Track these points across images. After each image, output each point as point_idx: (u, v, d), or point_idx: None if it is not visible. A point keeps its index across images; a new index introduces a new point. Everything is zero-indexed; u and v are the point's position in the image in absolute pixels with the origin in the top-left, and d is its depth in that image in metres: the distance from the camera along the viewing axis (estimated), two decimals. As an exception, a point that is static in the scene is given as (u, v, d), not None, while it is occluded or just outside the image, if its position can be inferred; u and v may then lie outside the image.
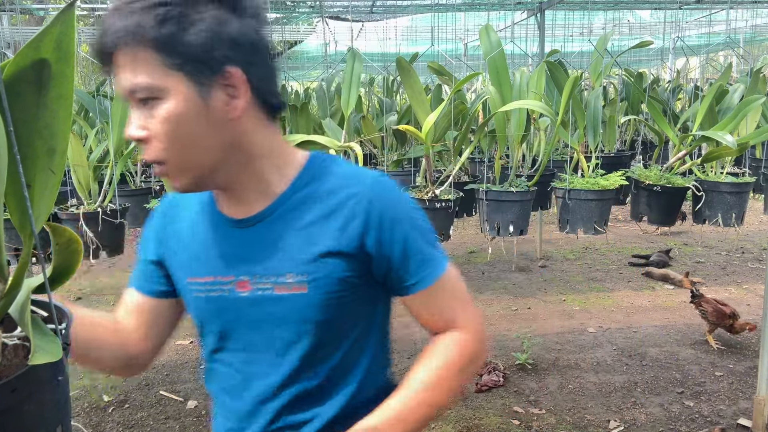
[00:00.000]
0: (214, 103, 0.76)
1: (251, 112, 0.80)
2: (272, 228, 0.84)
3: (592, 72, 3.45)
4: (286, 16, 6.78)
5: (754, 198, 3.51)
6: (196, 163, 0.79)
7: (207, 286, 0.87)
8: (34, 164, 0.57)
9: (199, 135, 0.77)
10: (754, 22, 6.28)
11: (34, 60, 0.53)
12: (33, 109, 0.55)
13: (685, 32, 7.24)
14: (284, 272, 0.83)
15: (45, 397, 0.58)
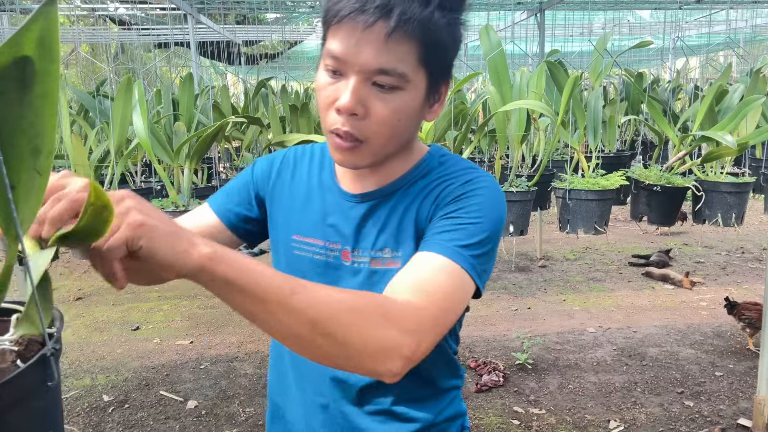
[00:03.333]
0: (429, 105, 0.82)
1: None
2: (382, 207, 0.88)
3: (592, 72, 3.46)
4: (286, 16, 6.78)
5: (754, 198, 3.51)
6: (388, 150, 0.82)
7: (314, 248, 0.90)
8: (18, 165, 0.55)
9: (408, 128, 0.81)
10: (754, 22, 6.28)
11: (16, 57, 0.51)
12: (16, 107, 0.53)
13: (685, 32, 7.24)
14: (382, 247, 0.87)
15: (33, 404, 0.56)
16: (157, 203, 2.59)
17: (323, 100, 0.78)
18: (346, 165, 0.82)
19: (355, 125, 0.76)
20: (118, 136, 2.44)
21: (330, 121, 0.78)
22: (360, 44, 0.73)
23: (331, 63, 0.75)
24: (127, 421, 2.65)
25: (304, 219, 0.92)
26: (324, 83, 0.78)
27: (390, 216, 0.87)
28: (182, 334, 3.63)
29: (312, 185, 0.94)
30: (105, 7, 5.72)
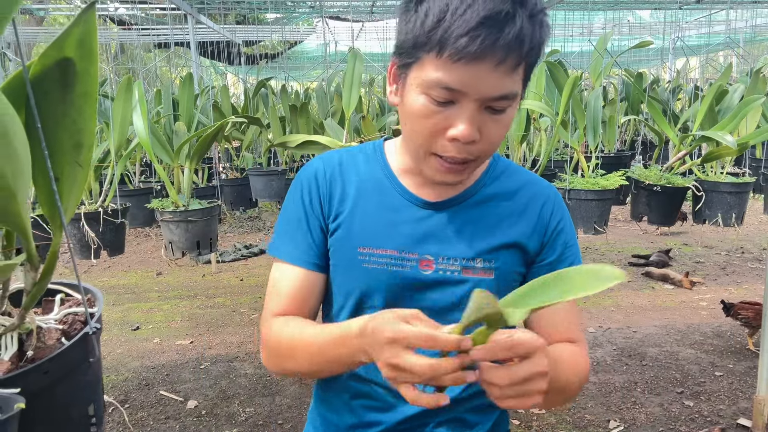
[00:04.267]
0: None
1: None
2: (463, 214, 0.88)
3: (592, 72, 3.46)
4: (286, 16, 6.78)
5: (754, 198, 3.51)
6: (487, 159, 0.86)
7: (387, 260, 0.87)
8: (62, 159, 0.59)
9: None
10: (754, 22, 6.28)
11: (59, 59, 0.55)
12: (59, 106, 0.57)
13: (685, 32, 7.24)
14: (473, 256, 0.86)
15: (77, 378, 0.60)
16: (158, 203, 2.59)
17: (429, 127, 0.76)
18: (450, 183, 0.83)
19: (470, 151, 0.76)
20: (118, 136, 2.44)
21: (440, 149, 0.77)
22: (483, 77, 0.71)
23: (442, 94, 0.73)
24: (128, 421, 2.65)
25: (369, 229, 0.88)
26: (428, 111, 0.75)
27: (478, 225, 0.87)
28: (182, 334, 3.64)
29: (370, 193, 0.90)
30: (105, 7, 5.72)
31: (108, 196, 2.48)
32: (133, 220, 2.88)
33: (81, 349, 0.59)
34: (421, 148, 0.79)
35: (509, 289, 0.82)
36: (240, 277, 4.69)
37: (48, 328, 0.62)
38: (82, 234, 2.30)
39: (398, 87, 0.81)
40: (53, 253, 0.62)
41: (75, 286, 0.69)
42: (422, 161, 0.81)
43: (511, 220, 0.88)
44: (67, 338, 0.62)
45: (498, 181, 0.91)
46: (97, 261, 3.57)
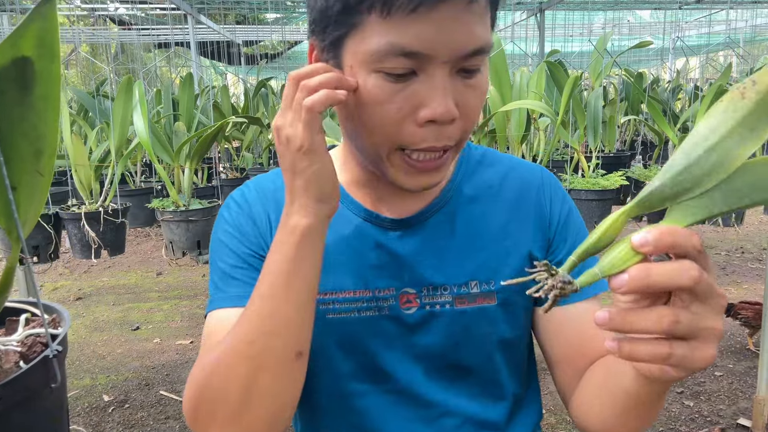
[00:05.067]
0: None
1: None
2: (442, 228, 0.69)
3: (592, 72, 3.46)
4: (286, 16, 6.78)
5: (753, 198, 3.51)
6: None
7: (356, 303, 0.68)
8: (20, 166, 0.54)
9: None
10: (754, 22, 6.29)
11: (15, 57, 0.50)
12: (17, 109, 0.52)
13: (685, 32, 7.24)
14: (467, 280, 0.68)
15: (36, 404, 0.55)
16: (158, 203, 2.59)
17: (390, 114, 0.56)
18: (427, 187, 0.62)
19: (449, 133, 0.58)
20: (118, 136, 2.44)
21: (410, 140, 0.57)
22: (451, 28, 0.53)
23: (400, 63, 0.54)
24: (127, 421, 2.65)
25: (326, 268, 0.65)
26: (384, 93, 0.56)
27: (463, 238, 0.69)
28: (182, 334, 3.64)
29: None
30: (105, 7, 5.72)
31: (108, 195, 2.48)
32: (134, 219, 2.88)
33: (40, 373, 0.54)
34: (381, 146, 0.59)
35: (518, 317, 0.69)
36: (240, 277, 4.70)
37: (6, 351, 0.57)
38: (83, 234, 2.30)
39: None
40: (9, 269, 0.57)
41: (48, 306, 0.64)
42: (383, 163, 0.61)
43: (503, 221, 0.70)
44: (25, 361, 0.57)
45: (476, 176, 0.73)
46: (97, 261, 3.57)
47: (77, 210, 2.33)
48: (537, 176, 0.74)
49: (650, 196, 0.43)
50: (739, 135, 0.40)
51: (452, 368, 0.70)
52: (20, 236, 0.55)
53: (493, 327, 0.69)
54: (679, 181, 0.42)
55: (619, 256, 0.41)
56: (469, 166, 0.74)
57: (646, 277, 0.38)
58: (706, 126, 0.41)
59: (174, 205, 2.51)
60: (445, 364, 0.70)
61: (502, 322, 0.69)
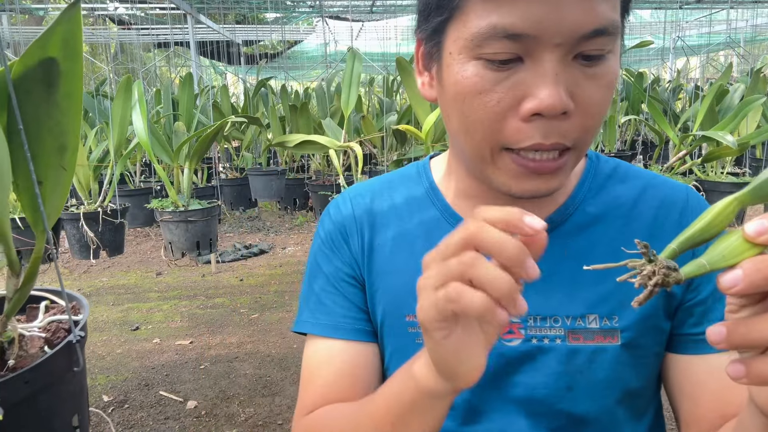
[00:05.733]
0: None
1: None
2: (558, 249, 0.59)
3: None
4: (286, 16, 6.78)
5: (754, 198, 3.50)
6: (587, 150, 0.54)
7: None
8: (45, 162, 0.57)
9: (607, 112, 0.53)
10: (755, 22, 6.28)
11: (42, 59, 0.53)
12: (43, 107, 0.55)
13: (686, 32, 7.24)
14: (583, 313, 0.57)
15: (60, 387, 0.58)
16: (157, 203, 2.59)
17: (491, 105, 0.49)
18: (537, 194, 0.52)
19: (561, 130, 0.49)
20: (117, 136, 2.44)
21: (514, 138, 0.49)
22: (563, 3, 0.45)
23: (503, 47, 0.47)
24: (127, 421, 2.65)
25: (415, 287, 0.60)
26: (485, 81, 0.48)
27: (584, 263, 0.53)
28: (182, 334, 3.63)
29: (415, 237, 0.64)
30: (105, 7, 5.72)
31: (107, 196, 2.48)
32: (133, 220, 2.88)
33: (64, 357, 0.57)
34: (484, 144, 0.51)
35: (646, 364, 0.58)
36: (240, 277, 4.68)
37: (31, 336, 0.60)
38: (82, 234, 2.30)
39: (433, 71, 0.55)
40: (36, 259, 0.59)
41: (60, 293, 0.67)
42: (488, 166, 0.53)
43: (635, 246, 0.60)
44: (50, 347, 0.60)
45: (605, 192, 0.62)
46: (96, 261, 3.57)
47: (76, 210, 2.32)
48: (682, 196, 0.61)
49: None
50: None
51: (562, 417, 0.59)
52: (46, 228, 0.58)
53: (615, 373, 0.58)
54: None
55: (731, 248, 0.35)
56: (596, 181, 0.62)
57: (762, 270, 0.32)
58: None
59: (173, 205, 2.51)
60: (554, 411, 0.58)
61: (626, 367, 0.58)
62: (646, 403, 0.63)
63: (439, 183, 0.66)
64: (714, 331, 0.33)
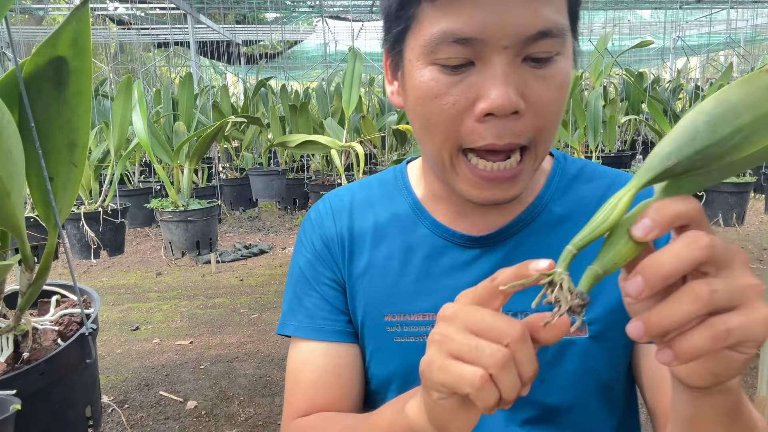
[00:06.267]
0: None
1: None
2: (528, 247, 0.62)
3: (593, 72, 3.45)
4: (286, 15, 6.78)
5: (754, 198, 3.51)
6: (547, 151, 0.56)
7: (425, 327, 0.62)
8: (56, 158, 0.58)
9: (562, 113, 0.54)
10: (755, 22, 6.28)
11: (52, 57, 0.54)
12: (53, 104, 0.56)
13: (686, 32, 7.25)
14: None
15: (73, 379, 0.60)
16: (157, 203, 2.59)
17: (446, 108, 0.51)
18: (501, 201, 0.55)
19: (514, 130, 0.51)
20: (117, 136, 2.44)
21: (468, 138, 0.52)
22: (510, 6, 0.48)
23: (454, 52, 0.49)
24: (127, 421, 2.64)
25: (395, 287, 0.64)
26: (441, 85, 0.51)
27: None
28: (182, 334, 3.63)
29: (393, 238, 0.66)
30: (104, 7, 5.72)
31: (108, 196, 2.48)
32: (133, 220, 2.88)
33: (77, 350, 0.59)
34: (443, 146, 0.54)
35: (616, 355, 0.60)
36: (239, 277, 4.68)
37: (44, 330, 0.61)
38: (82, 234, 2.30)
39: (399, 79, 0.59)
40: (48, 254, 0.61)
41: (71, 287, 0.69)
42: (449, 171, 0.55)
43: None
44: (63, 339, 0.61)
45: (571, 191, 0.64)
46: (96, 261, 3.57)
47: (76, 210, 2.32)
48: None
49: (663, 174, 0.37)
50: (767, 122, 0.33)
51: (536, 407, 0.62)
52: (57, 223, 0.59)
53: (584, 365, 0.60)
54: (694, 160, 0.35)
55: (621, 251, 0.37)
56: (563, 181, 0.65)
57: (660, 270, 0.34)
58: (742, 99, 0.33)
59: (173, 205, 2.51)
60: (528, 402, 0.61)
61: (596, 359, 0.60)
62: (618, 396, 0.65)
63: (414, 185, 0.69)
64: (633, 327, 0.35)
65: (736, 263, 0.37)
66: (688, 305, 0.34)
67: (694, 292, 0.34)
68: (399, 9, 0.53)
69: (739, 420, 0.44)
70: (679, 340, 0.35)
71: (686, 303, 0.34)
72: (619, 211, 0.38)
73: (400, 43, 0.55)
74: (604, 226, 0.38)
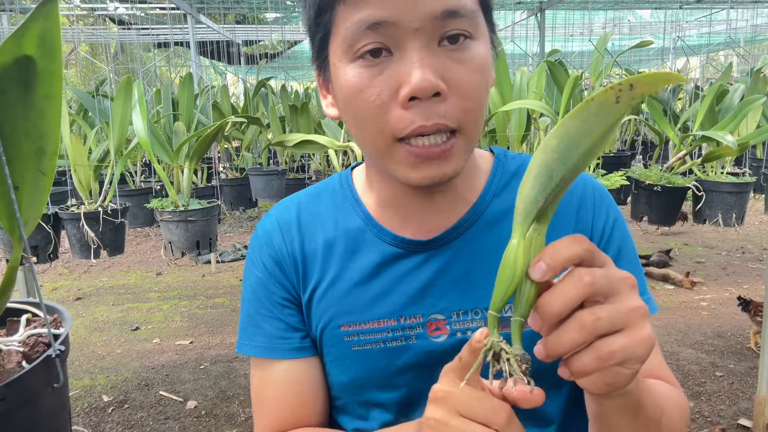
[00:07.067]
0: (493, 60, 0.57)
1: None
2: (474, 247, 0.64)
3: (593, 72, 3.45)
4: (286, 15, 6.78)
5: (754, 198, 3.51)
6: (478, 139, 0.57)
7: (381, 333, 0.64)
8: (22, 166, 0.54)
9: (486, 96, 0.57)
10: (755, 22, 6.28)
11: (17, 56, 0.50)
12: (19, 108, 0.52)
13: (686, 32, 7.24)
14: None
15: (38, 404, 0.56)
16: (157, 203, 2.59)
17: (373, 98, 0.53)
18: (438, 179, 0.56)
19: (440, 111, 0.52)
20: (117, 136, 2.43)
21: (398, 126, 0.53)
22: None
23: (369, 39, 0.52)
24: (127, 421, 2.64)
25: (349, 297, 0.65)
26: (364, 77, 0.53)
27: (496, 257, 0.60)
28: (182, 334, 3.63)
29: (342, 247, 0.67)
30: (104, 7, 5.71)
31: (108, 195, 2.48)
32: (133, 220, 2.88)
33: (43, 373, 0.55)
34: (378, 138, 0.55)
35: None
36: (239, 277, 4.68)
37: (8, 351, 0.57)
38: (82, 234, 2.30)
39: (330, 92, 0.61)
40: (11, 269, 0.57)
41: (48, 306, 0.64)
42: (388, 160, 0.56)
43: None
44: (28, 362, 0.57)
45: (510, 188, 0.66)
46: (96, 261, 3.56)
47: (76, 210, 2.32)
48: (579, 186, 0.67)
49: (537, 214, 0.42)
50: (603, 137, 0.39)
51: None
52: (23, 236, 0.56)
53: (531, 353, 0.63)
54: (557, 191, 0.41)
55: (529, 295, 0.42)
56: (503, 179, 0.67)
57: (551, 310, 0.40)
58: (578, 129, 0.39)
59: (173, 205, 2.51)
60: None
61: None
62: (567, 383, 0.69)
63: (361, 193, 0.69)
64: (537, 350, 0.42)
65: (622, 289, 0.41)
66: (575, 334, 0.40)
67: (579, 322, 0.40)
68: (317, 17, 0.55)
69: (642, 412, 0.50)
70: (572, 360, 0.41)
71: (573, 332, 0.40)
72: (521, 266, 0.43)
73: (325, 50, 0.57)
74: (513, 285, 0.43)
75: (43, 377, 0.56)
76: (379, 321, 0.64)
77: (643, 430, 0.52)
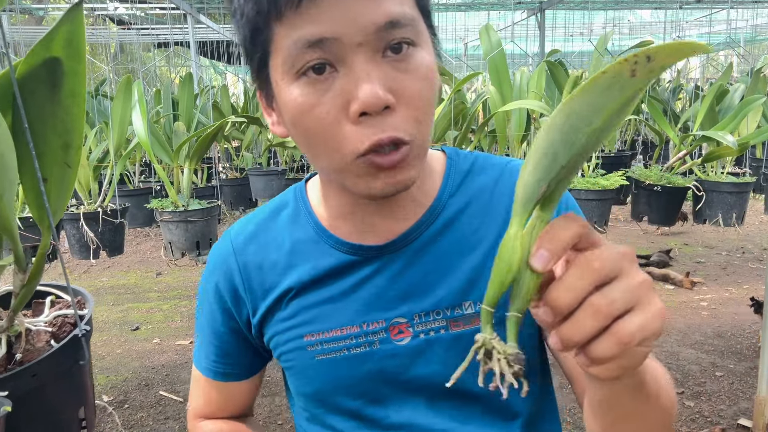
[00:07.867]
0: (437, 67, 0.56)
1: None
2: (431, 247, 0.64)
3: (593, 72, 3.45)
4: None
5: (754, 198, 3.51)
6: (428, 145, 0.57)
7: (344, 341, 0.64)
8: (50, 159, 0.59)
9: (434, 102, 0.56)
10: (755, 22, 6.28)
11: (46, 58, 0.55)
12: (47, 106, 0.57)
13: (686, 32, 7.24)
14: (459, 302, 0.63)
15: (66, 381, 0.60)
16: (157, 203, 2.59)
17: (323, 116, 0.52)
18: (402, 187, 0.56)
19: (392, 124, 0.52)
20: (117, 136, 2.44)
21: (354, 143, 0.52)
22: (349, 3, 0.49)
23: (312, 56, 0.50)
24: (127, 421, 2.64)
25: (310, 307, 0.66)
26: (311, 96, 0.52)
27: (454, 255, 0.64)
28: (182, 334, 3.63)
29: (300, 261, 0.67)
30: (104, 7, 5.72)
31: (107, 196, 2.48)
32: (133, 220, 2.88)
33: (70, 351, 0.59)
34: (336, 157, 0.54)
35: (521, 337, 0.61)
36: (240, 277, 4.70)
37: (37, 331, 0.61)
38: (81, 234, 2.30)
39: (275, 109, 0.59)
40: (41, 255, 0.61)
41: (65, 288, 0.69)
42: (347, 175, 0.55)
43: (498, 230, 0.64)
44: (56, 341, 0.62)
45: (464, 186, 0.67)
46: (96, 261, 3.57)
47: (76, 210, 2.32)
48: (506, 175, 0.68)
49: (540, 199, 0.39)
50: (617, 114, 0.35)
51: (457, 395, 0.65)
52: (51, 224, 0.60)
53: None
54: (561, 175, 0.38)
55: (530, 286, 0.39)
56: (457, 178, 0.67)
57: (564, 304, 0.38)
58: (587, 105, 0.35)
59: (173, 205, 2.51)
60: (449, 391, 0.63)
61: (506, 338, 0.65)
62: (533, 365, 0.70)
63: (315, 205, 0.69)
64: (552, 342, 0.39)
65: (625, 265, 0.39)
66: (591, 320, 0.37)
67: (593, 307, 0.37)
68: (253, 36, 0.54)
69: (645, 387, 0.49)
70: (591, 348, 0.38)
71: (589, 319, 0.37)
72: (520, 255, 0.39)
73: (265, 68, 0.55)
74: (510, 275, 0.40)
75: (70, 355, 0.60)
76: (342, 329, 0.64)
77: (646, 407, 0.50)
